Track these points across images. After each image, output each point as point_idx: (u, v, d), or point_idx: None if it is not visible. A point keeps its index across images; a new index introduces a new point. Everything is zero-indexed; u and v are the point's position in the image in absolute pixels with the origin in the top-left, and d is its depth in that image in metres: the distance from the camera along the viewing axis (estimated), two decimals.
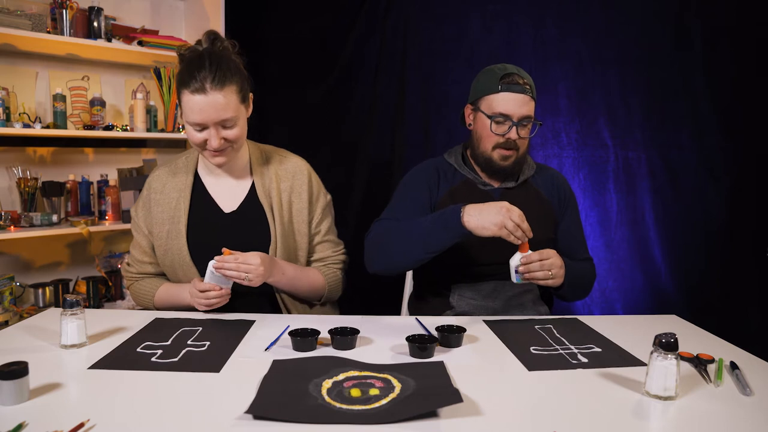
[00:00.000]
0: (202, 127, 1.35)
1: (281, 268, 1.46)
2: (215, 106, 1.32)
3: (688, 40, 2.67)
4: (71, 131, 2.47)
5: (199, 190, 1.53)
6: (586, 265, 1.62)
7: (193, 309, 1.44)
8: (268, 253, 1.48)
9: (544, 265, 1.37)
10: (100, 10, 2.45)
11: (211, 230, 1.49)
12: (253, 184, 1.53)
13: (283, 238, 1.50)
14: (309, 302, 1.58)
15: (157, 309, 1.51)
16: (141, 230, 1.55)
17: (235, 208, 1.51)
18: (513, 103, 1.48)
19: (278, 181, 1.54)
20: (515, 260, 1.38)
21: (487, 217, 1.29)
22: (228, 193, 1.53)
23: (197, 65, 1.32)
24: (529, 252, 1.36)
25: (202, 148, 1.40)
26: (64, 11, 2.36)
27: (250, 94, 1.45)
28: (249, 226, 1.50)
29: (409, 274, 1.92)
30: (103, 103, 2.56)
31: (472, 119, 1.59)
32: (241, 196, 1.53)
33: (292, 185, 1.55)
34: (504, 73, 1.50)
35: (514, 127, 1.49)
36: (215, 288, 1.37)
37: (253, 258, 1.36)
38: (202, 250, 1.47)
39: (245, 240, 1.47)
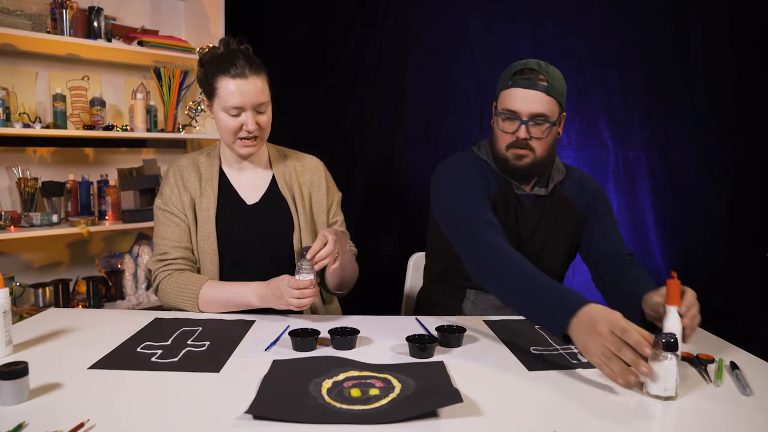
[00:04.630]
0: (240, 111, 1.42)
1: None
2: (255, 89, 1.42)
3: (688, 40, 2.67)
4: (71, 131, 2.46)
5: (222, 182, 1.56)
6: (643, 271, 1.45)
7: (251, 311, 1.41)
8: (292, 242, 1.53)
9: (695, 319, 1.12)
10: (100, 10, 2.44)
11: (235, 221, 1.52)
12: (273, 177, 1.59)
13: (305, 227, 1.55)
14: (336, 294, 1.59)
15: (201, 309, 1.42)
16: (176, 214, 1.50)
17: (257, 200, 1.56)
18: (521, 99, 1.40)
19: (298, 175, 1.61)
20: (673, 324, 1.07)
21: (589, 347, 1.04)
22: (250, 186, 1.57)
23: (233, 56, 1.43)
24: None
25: (235, 137, 1.45)
26: (64, 11, 2.36)
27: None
28: (272, 217, 1.54)
29: (409, 275, 1.92)
30: (103, 103, 2.55)
31: (494, 115, 1.52)
32: (262, 189, 1.57)
33: (311, 179, 1.62)
34: (519, 68, 1.43)
35: (523, 125, 1.40)
36: (312, 284, 1.32)
37: (330, 234, 1.36)
38: (226, 241, 1.50)
39: (269, 231, 1.53)
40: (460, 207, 1.42)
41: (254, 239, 1.52)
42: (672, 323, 1.06)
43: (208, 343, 1.21)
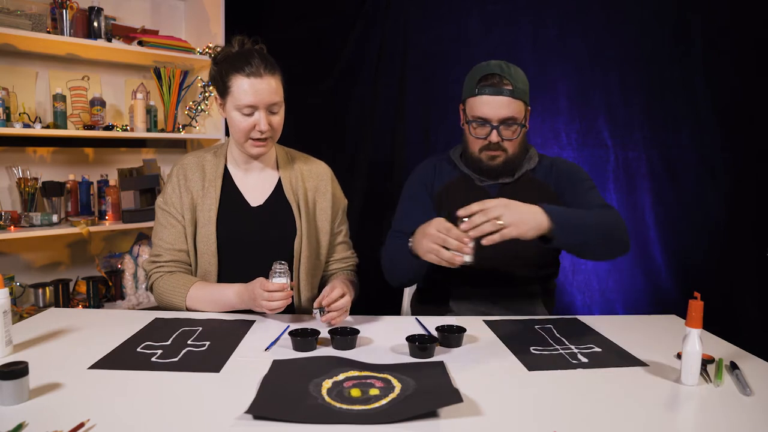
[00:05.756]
0: (253, 111, 1.42)
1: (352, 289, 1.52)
2: (269, 89, 1.42)
3: (689, 39, 2.67)
4: (71, 131, 2.46)
5: (227, 182, 1.56)
6: (599, 210, 1.42)
7: (237, 311, 1.42)
8: (293, 246, 1.52)
9: (487, 213, 1.20)
10: (100, 10, 2.44)
11: (237, 222, 1.52)
12: (279, 180, 1.58)
13: (308, 233, 1.54)
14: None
15: (188, 308, 1.45)
16: (174, 215, 1.51)
17: (261, 202, 1.55)
18: (489, 106, 1.45)
19: (304, 179, 1.60)
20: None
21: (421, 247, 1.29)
22: (255, 188, 1.57)
23: (248, 54, 1.44)
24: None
25: (247, 136, 1.45)
26: (64, 11, 2.36)
27: None
28: (275, 220, 1.54)
29: None
30: (103, 103, 2.55)
31: (463, 118, 1.57)
32: (267, 191, 1.57)
33: (317, 185, 1.61)
34: (483, 75, 1.47)
35: (494, 131, 1.46)
36: (284, 288, 1.30)
37: (348, 289, 1.42)
38: (227, 241, 1.50)
39: (271, 233, 1.52)
40: (392, 222, 1.64)
41: (255, 242, 1.51)
42: (692, 346, 1.02)
43: (208, 343, 1.21)
